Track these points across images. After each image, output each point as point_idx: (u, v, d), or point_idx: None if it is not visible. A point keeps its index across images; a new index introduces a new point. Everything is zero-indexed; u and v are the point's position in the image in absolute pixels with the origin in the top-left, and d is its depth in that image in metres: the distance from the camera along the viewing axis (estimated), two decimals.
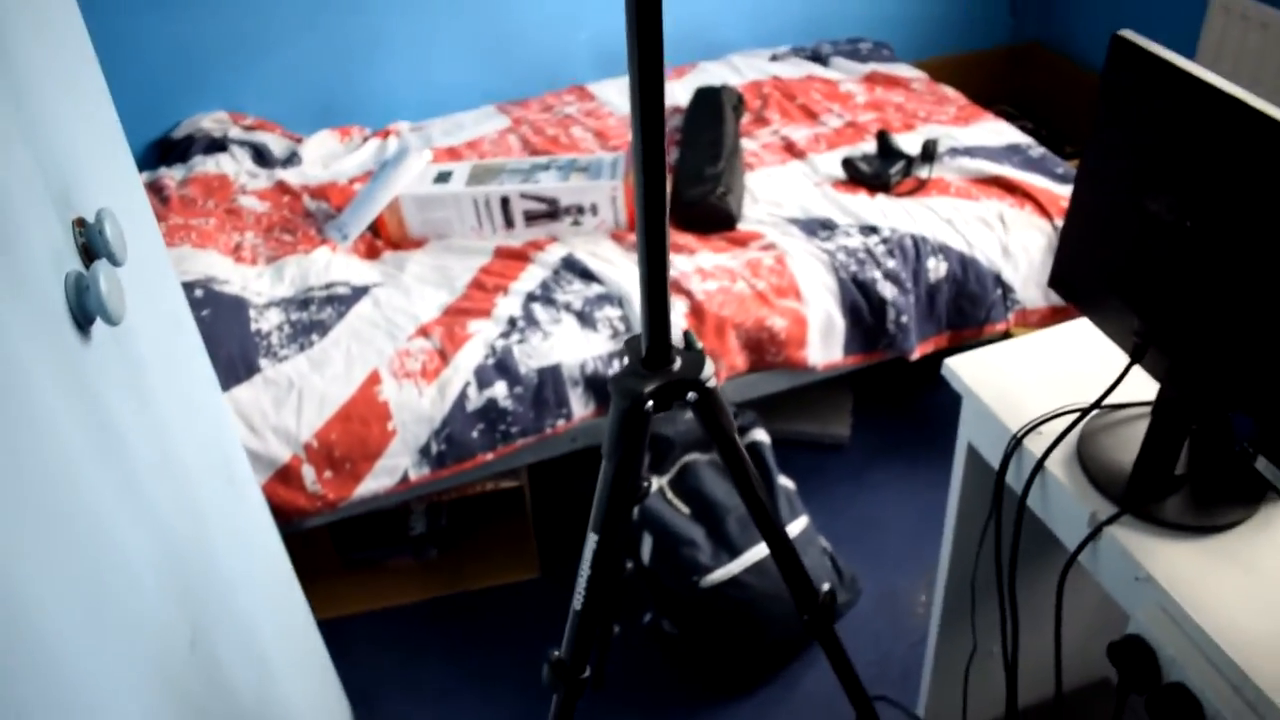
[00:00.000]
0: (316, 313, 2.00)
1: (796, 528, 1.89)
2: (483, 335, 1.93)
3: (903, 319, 2.09)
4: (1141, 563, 0.98)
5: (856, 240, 2.12)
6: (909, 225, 2.15)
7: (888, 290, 2.07)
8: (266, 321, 1.97)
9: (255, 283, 2.09)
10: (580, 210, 2.19)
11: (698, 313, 1.98)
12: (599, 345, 1.93)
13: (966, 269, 2.12)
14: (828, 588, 1.22)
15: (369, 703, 1.89)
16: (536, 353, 1.91)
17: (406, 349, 1.90)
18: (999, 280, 2.14)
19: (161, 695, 0.78)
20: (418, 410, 1.84)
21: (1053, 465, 1.10)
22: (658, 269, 0.91)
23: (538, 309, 1.99)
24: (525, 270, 2.10)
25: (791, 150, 2.49)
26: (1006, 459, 1.16)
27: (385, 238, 2.23)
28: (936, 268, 2.11)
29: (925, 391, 2.50)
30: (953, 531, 1.41)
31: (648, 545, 1.88)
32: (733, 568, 1.79)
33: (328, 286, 2.07)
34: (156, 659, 0.78)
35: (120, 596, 0.73)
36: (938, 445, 2.31)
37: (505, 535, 2.18)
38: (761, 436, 2.06)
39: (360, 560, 2.13)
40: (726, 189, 2.20)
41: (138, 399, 0.85)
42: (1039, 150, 2.42)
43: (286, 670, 1.24)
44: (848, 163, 2.33)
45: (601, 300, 2.00)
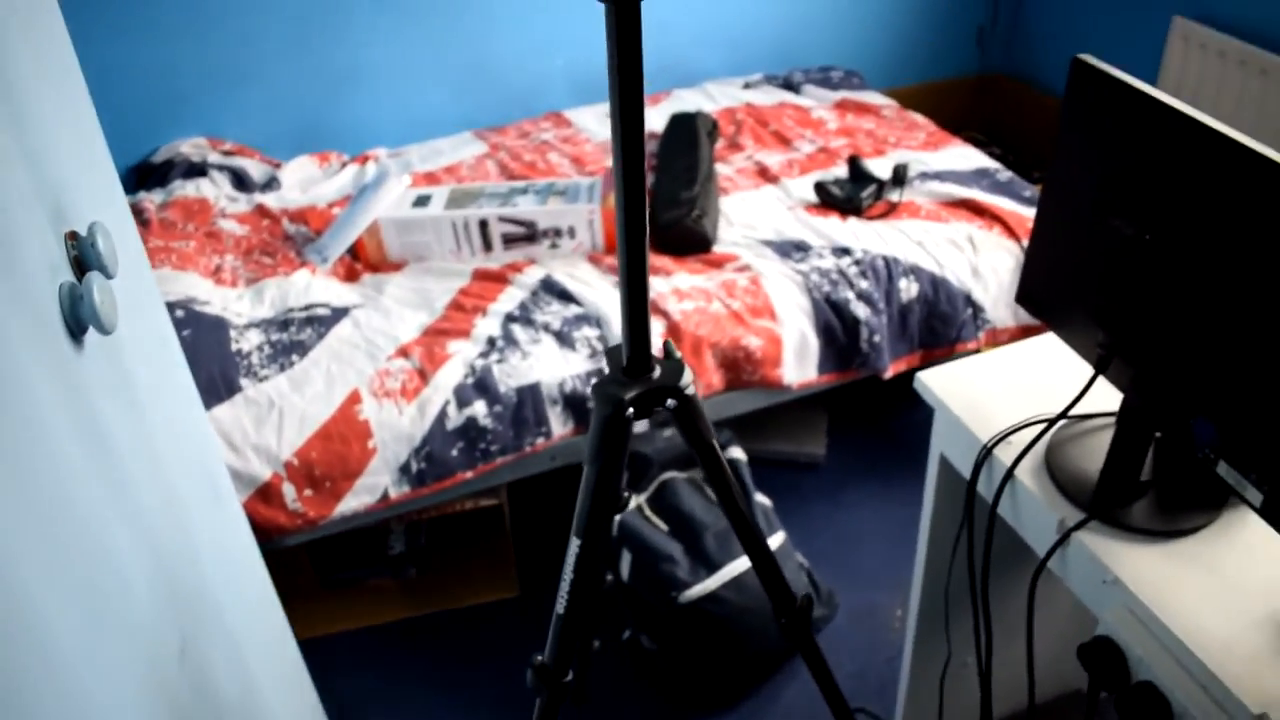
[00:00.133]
0: (296, 333, 2.01)
1: (774, 543, 1.91)
2: (462, 355, 1.95)
3: (876, 338, 2.13)
4: (1109, 566, 1.01)
5: (829, 262, 2.16)
6: (881, 247, 2.19)
7: (861, 310, 2.11)
8: (247, 342, 1.98)
9: (235, 304, 2.10)
10: (558, 233, 2.21)
11: (674, 332, 2.01)
12: (578, 364, 1.96)
13: (937, 289, 2.16)
14: (805, 594, 1.25)
15: None
16: (516, 372, 1.92)
17: (386, 369, 1.92)
18: (969, 300, 2.19)
19: (154, 702, 0.79)
20: (398, 429, 1.85)
21: (1022, 474, 1.14)
22: (638, 281, 0.93)
23: (517, 329, 2.01)
24: (504, 292, 2.12)
25: (765, 175, 2.53)
26: (977, 469, 1.19)
27: (364, 260, 2.25)
28: (908, 288, 2.15)
29: (899, 410, 2.54)
30: (926, 542, 1.44)
31: (626, 562, 1.90)
32: (710, 583, 1.80)
33: (307, 308, 2.09)
34: (149, 666, 0.79)
35: (114, 601, 0.74)
36: (912, 463, 2.34)
37: (484, 554, 2.18)
38: (738, 454, 2.08)
39: (339, 581, 2.13)
40: (702, 212, 2.23)
41: (128, 408, 0.86)
42: (1006, 174, 2.48)
43: (269, 686, 1.24)
44: (820, 187, 2.38)
45: (580, 320, 2.02)
